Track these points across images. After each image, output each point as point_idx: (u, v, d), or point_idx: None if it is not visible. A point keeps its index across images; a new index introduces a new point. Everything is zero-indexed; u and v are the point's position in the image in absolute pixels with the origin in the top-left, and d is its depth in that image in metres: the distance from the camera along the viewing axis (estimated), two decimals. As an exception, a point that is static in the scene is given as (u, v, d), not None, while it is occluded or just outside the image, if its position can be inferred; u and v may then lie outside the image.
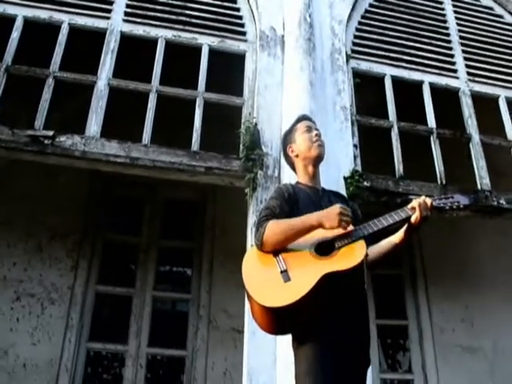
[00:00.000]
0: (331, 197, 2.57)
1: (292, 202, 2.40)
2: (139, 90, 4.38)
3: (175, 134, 4.42)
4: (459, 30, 5.36)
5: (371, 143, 4.70)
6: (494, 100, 5.02)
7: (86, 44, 4.57)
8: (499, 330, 5.50)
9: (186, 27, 4.76)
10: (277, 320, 2.08)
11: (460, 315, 5.53)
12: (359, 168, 4.27)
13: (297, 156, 2.63)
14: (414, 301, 5.57)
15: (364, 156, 4.48)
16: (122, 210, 5.43)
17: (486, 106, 4.91)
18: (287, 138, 2.73)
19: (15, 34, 4.41)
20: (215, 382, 4.77)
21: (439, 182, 4.37)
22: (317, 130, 2.68)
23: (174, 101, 4.45)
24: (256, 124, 4.21)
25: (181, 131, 4.31)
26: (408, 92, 4.91)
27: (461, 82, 5.04)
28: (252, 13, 4.97)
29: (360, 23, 5.16)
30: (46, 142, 3.85)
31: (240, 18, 4.94)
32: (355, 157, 4.31)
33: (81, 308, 4.98)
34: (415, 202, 2.24)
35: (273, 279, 2.10)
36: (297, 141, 2.64)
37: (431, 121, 4.72)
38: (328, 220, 2.15)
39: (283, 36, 4.81)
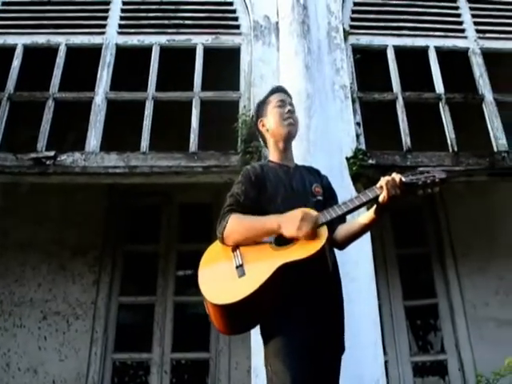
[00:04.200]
0: (304, 174, 2.46)
1: (260, 184, 2.32)
2: (136, 100, 4.43)
3: (175, 137, 4.43)
4: (466, -13, 5.08)
5: (378, 121, 4.55)
6: (508, 55, 4.73)
7: (84, 60, 4.67)
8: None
9: (180, 30, 4.77)
10: (229, 318, 2.03)
11: (494, 287, 5.24)
12: (363, 146, 4.13)
13: (267, 131, 2.52)
14: (443, 277, 5.33)
15: (371, 134, 4.35)
16: (140, 219, 5.49)
17: (498, 64, 4.62)
18: (259, 110, 2.61)
19: (16, 62, 4.57)
20: (240, 381, 4.77)
21: (450, 150, 4.16)
22: (291, 105, 2.54)
23: (172, 104, 4.48)
24: (253, 116, 4.16)
25: (180, 134, 4.32)
26: (415, 62, 4.72)
27: (469, 42, 4.78)
28: (245, 4, 4.91)
29: (358, -3, 4.99)
30: (48, 162, 3.96)
31: (233, 11, 4.90)
32: (358, 135, 4.18)
33: (105, 321, 5.10)
34: (383, 181, 2.06)
35: (227, 275, 2.05)
36: (268, 115, 2.52)
37: (439, 87, 4.50)
38: (288, 227, 2.06)
39: (277, 23, 4.73)
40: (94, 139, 4.14)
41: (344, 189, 3.63)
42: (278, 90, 2.64)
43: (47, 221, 5.28)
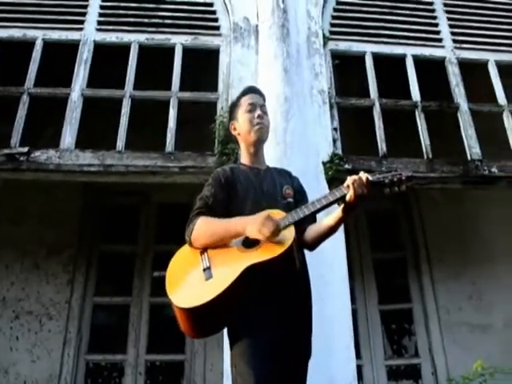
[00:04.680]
0: (275, 176, 2.47)
1: (229, 187, 2.32)
2: (113, 97, 4.39)
3: (152, 136, 4.40)
4: (444, -3, 5.17)
5: (356, 126, 4.58)
6: (483, 65, 4.82)
7: (61, 56, 4.60)
8: (511, 305, 5.28)
9: (159, 29, 4.74)
10: (196, 321, 2.01)
11: (467, 292, 5.33)
12: (339, 151, 4.16)
13: (238, 134, 2.52)
14: (418, 282, 5.40)
15: (350, 140, 4.39)
16: (117, 218, 5.42)
17: (473, 74, 4.71)
18: (231, 113, 2.60)
19: (-10, 57, 4.48)
20: (215, 383, 4.71)
21: (425, 157, 4.21)
22: (262, 106, 2.51)
23: (149, 103, 4.45)
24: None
25: (157, 133, 4.28)
26: (392, 70, 4.77)
27: (446, 51, 4.86)
28: (225, 5, 4.90)
29: (338, 3, 5.00)
30: (21, 158, 3.90)
31: (213, 12, 4.88)
32: (335, 140, 4.21)
33: (78, 321, 5.02)
34: (349, 180, 2.09)
35: (194, 278, 2.05)
36: (239, 119, 2.50)
37: (415, 94, 4.56)
38: (252, 229, 2.05)
39: (257, 25, 4.73)
40: (68, 136, 4.08)
41: (319, 192, 3.55)
42: (250, 90, 2.62)
43: (22, 219, 5.19)
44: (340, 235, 3.68)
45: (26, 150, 3.93)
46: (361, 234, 5.59)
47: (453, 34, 4.94)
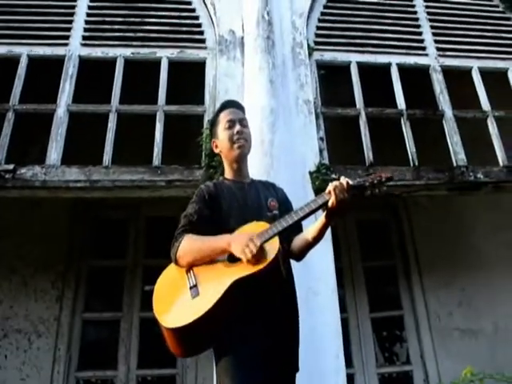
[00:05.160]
0: (260, 189, 2.48)
1: (214, 203, 2.33)
2: (99, 112, 4.38)
3: (138, 150, 4.39)
4: (426, 6, 5.21)
5: (342, 135, 4.60)
6: (467, 72, 4.87)
7: (46, 72, 4.60)
8: (500, 310, 5.31)
9: (145, 43, 4.74)
10: (183, 341, 2.00)
11: (457, 299, 5.35)
12: (326, 161, 4.18)
13: (221, 152, 2.53)
14: (409, 289, 5.42)
15: (337, 149, 4.41)
16: (106, 233, 5.40)
17: (457, 81, 4.74)
18: (212, 131, 2.62)
19: (-25, 73, 4.47)
20: (206, 397, 4.72)
21: (412, 164, 4.24)
22: (241, 121, 2.50)
23: (136, 117, 4.45)
24: (216, 130, 4.15)
25: (144, 147, 4.28)
26: (378, 78, 4.80)
27: (430, 59, 4.90)
28: (211, 18, 4.92)
29: (322, 13, 5.04)
30: (7, 176, 3.88)
31: (199, 25, 4.90)
32: (321, 150, 4.22)
33: (68, 338, 4.99)
34: (331, 186, 2.12)
35: (181, 297, 2.04)
36: (219, 137, 2.51)
37: (401, 102, 4.59)
38: (235, 247, 2.05)
39: (242, 38, 4.75)
40: (54, 152, 4.07)
41: (307, 203, 3.66)
42: (228, 105, 2.63)
43: (8, 235, 5.14)
44: (328, 246, 3.69)
45: (11, 167, 3.92)
46: (351, 243, 5.60)
47: (436, 41, 4.99)
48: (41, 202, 4.77)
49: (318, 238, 2.26)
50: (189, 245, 2.15)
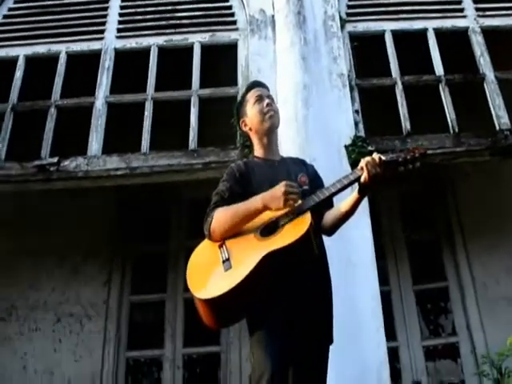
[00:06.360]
0: (290, 166, 2.46)
1: (244, 181, 2.32)
2: (136, 101, 4.48)
3: (177, 136, 4.48)
4: (464, -34, 5.00)
5: (378, 106, 4.51)
6: (508, 32, 4.64)
7: (83, 66, 4.74)
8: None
9: (177, 29, 4.82)
10: (217, 312, 2.03)
11: (504, 266, 5.13)
12: (362, 133, 4.11)
13: (250, 129, 2.51)
14: (453, 260, 5.23)
15: (373, 120, 4.32)
16: (150, 218, 5.51)
17: (498, 42, 4.54)
18: (240, 112, 2.59)
19: (18, 73, 4.67)
20: (250, 372, 4.76)
21: (451, 132, 4.10)
22: (268, 97, 2.52)
23: (172, 103, 4.53)
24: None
25: (182, 132, 4.35)
26: (414, 46, 4.67)
27: (469, 21, 4.70)
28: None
29: (354, -16, 4.94)
30: (51, 168, 4.04)
31: (229, 7, 4.93)
32: (357, 123, 4.16)
33: (117, 320, 5.16)
34: (363, 162, 2.07)
35: (214, 270, 2.07)
36: (248, 114, 2.50)
37: (439, 68, 4.44)
38: (273, 201, 2.08)
39: (273, 16, 4.73)
40: (95, 143, 4.20)
41: (343, 177, 3.62)
42: (254, 85, 2.64)
43: (58, 226, 5.35)
44: (365, 218, 3.65)
45: (55, 160, 4.07)
46: (393, 215, 5.49)
47: (475, 1, 4.78)
48: (87, 192, 4.91)
49: (350, 212, 2.23)
50: (221, 215, 2.16)
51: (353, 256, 3.46)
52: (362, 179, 2.07)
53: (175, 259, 5.29)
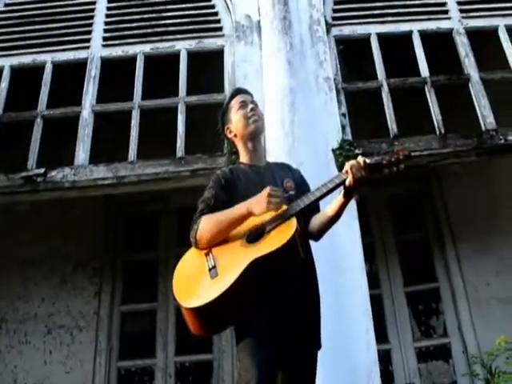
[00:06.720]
0: (275, 171, 2.46)
1: (230, 187, 2.33)
2: (123, 110, 4.47)
3: (164, 144, 4.46)
4: (447, -32, 5.02)
5: (365, 109, 4.51)
6: (492, 32, 4.66)
7: (69, 75, 4.71)
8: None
9: (163, 37, 4.81)
10: (203, 320, 2.03)
11: (494, 267, 5.14)
12: (349, 137, 4.11)
13: (235, 136, 2.53)
14: (444, 261, 5.23)
15: (360, 124, 4.33)
16: (139, 227, 5.52)
17: (482, 43, 4.56)
18: (224, 119, 2.61)
19: (3, 84, 4.63)
20: (243, 381, 4.75)
21: (438, 133, 4.11)
22: (252, 102, 2.53)
23: (158, 111, 4.52)
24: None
25: (169, 140, 4.34)
26: (399, 47, 4.68)
27: (453, 22, 4.71)
28: (227, 5, 4.93)
29: (339, -12, 4.95)
30: (38, 179, 4.02)
31: (215, 14, 4.93)
32: (343, 126, 4.16)
33: (108, 330, 5.12)
34: (347, 165, 2.09)
35: (201, 278, 2.06)
36: (233, 120, 2.52)
37: (424, 70, 4.45)
38: (256, 205, 2.08)
39: (259, 21, 4.74)
40: (82, 153, 4.18)
41: (330, 181, 3.62)
42: (237, 92, 2.66)
43: (47, 236, 5.32)
44: (354, 222, 3.64)
45: (42, 171, 4.05)
46: (382, 217, 5.50)
47: (459, 3, 4.79)
48: (75, 202, 4.90)
49: (336, 216, 2.23)
50: (207, 222, 2.16)
51: (342, 260, 3.46)
52: (347, 183, 2.08)
53: (165, 267, 5.26)
